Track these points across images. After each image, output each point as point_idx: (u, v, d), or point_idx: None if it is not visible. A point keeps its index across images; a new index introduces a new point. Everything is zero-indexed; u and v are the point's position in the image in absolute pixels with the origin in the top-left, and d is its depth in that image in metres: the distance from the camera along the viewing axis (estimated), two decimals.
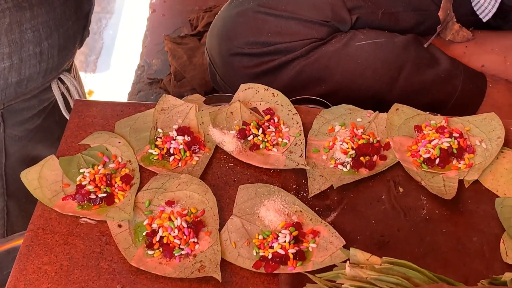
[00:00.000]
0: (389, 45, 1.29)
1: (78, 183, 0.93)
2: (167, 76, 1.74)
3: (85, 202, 0.91)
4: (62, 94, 1.15)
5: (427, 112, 1.04)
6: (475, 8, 1.35)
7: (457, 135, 0.95)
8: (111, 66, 2.40)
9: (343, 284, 0.72)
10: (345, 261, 0.78)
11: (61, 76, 1.11)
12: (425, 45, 1.31)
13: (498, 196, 0.91)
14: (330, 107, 1.12)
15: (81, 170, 0.94)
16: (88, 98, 2.11)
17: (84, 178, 0.93)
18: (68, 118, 1.12)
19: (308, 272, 0.81)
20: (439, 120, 0.99)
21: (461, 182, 0.92)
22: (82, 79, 2.27)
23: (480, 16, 1.34)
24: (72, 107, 1.12)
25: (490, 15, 1.32)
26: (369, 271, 0.70)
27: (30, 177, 0.94)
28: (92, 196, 0.91)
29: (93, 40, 2.53)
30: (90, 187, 0.91)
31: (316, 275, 0.77)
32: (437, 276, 0.71)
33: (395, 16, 1.33)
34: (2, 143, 1.12)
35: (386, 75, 1.28)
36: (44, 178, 0.94)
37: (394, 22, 1.33)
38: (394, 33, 1.31)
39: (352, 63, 1.28)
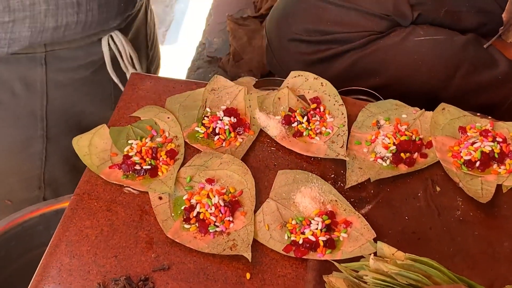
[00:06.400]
0: (448, 42, 1.28)
1: (125, 153, 0.97)
2: (226, 56, 1.77)
3: (130, 172, 0.95)
4: (113, 52, 1.18)
5: (478, 114, 1.04)
6: None
7: (500, 139, 0.95)
8: (179, 39, 2.45)
9: (365, 275, 0.74)
10: (373, 254, 0.80)
11: (112, 34, 1.14)
12: (485, 46, 1.30)
13: None
14: (381, 99, 1.13)
15: (129, 141, 0.98)
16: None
17: (132, 149, 0.97)
18: (113, 76, 1.16)
19: (336, 260, 0.82)
20: (484, 123, 0.99)
21: (499, 187, 0.92)
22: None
23: None
24: (122, 67, 1.16)
25: None
26: (391, 265, 0.72)
27: (81, 144, 0.99)
28: (137, 167, 0.95)
29: (164, 13, 2.59)
30: (136, 159, 0.95)
31: (342, 264, 0.79)
32: (458, 277, 0.72)
33: (458, 16, 1.32)
34: (44, 86, 1.16)
35: (442, 72, 1.27)
36: (94, 146, 0.99)
37: (456, 21, 1.32)
38: (455, 31, 1.30)
39: (408, 58, 1.28)
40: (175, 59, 2.21)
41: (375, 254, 0.80)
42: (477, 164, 0.94)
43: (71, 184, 1.28)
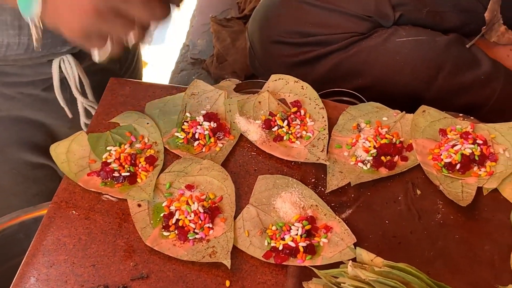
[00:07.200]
0: (430, 43, 1.28)
1: (104, 160, 0.96)
2: (210, 58, 1.76)
3: (109, 179, 0.94)
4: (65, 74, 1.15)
5: (460, 115, 1.03)
6: None
7: (481, 142, 0.95)
8: (166, 39, 2.43)
9: (343, 283, 0.73)
10: (353, 259, 0.80)
11: (64, 58, 1.11)
12: (468, 46, 1.30)
13: None
14: (364, 101, 1.13)
15: (108, 148, 0.97)
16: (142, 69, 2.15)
17: (110, 156, 0.96)
18: (59, 99, 1.14)
19: (316, 266, 0.82)
20: (465, 125, 0.99)
21: (479, 189, 0.92)
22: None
23: None
24: (73, 92, 1.14)
25: None
26: (369, 272, 0.71)
27: (58, 151, 0.98)
28: (116, 174, 0.94)
29: None
30: (114, 165, 0.94)
31: (321, 271, 0.78)
32: (436, 283, 0.72)
33: (440, 16, 1.31)
34: None
35: (424, 73, 1.27)
36: (72, 153, 0.98)
37: (439, 21, 1.31)
38: (437, 32, 1.30)
39: (391, 59, 1.28)
40: (162, 59, 2.20)
41: (354, 259, 0.79)
42: (458, 166, 0.93)
43: (26, 195, 1.26)
